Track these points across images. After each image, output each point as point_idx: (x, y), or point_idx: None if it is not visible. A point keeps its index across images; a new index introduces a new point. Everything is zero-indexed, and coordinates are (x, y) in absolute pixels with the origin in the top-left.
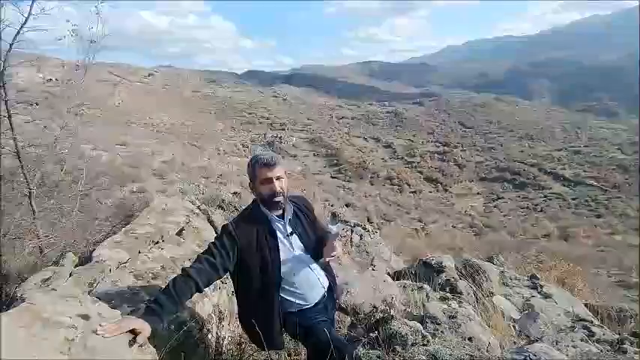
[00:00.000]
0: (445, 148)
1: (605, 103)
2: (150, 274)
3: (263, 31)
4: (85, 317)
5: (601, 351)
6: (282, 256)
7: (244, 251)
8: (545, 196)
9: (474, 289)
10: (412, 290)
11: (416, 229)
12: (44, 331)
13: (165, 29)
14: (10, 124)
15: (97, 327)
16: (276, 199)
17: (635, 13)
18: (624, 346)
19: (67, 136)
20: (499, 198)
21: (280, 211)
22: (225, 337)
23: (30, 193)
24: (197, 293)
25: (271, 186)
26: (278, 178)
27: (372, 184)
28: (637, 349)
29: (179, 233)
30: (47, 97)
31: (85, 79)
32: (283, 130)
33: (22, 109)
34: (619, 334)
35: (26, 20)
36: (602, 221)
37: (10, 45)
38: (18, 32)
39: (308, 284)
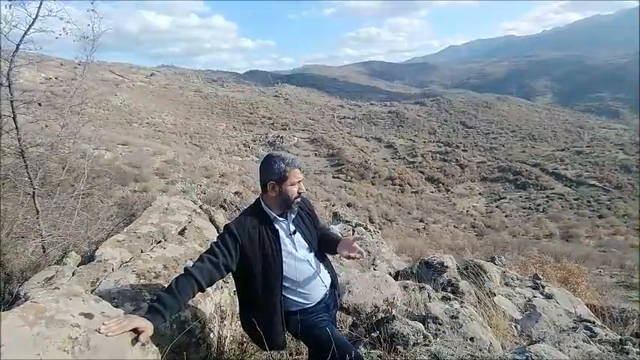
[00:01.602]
0: (447, 148)
1: (607, 103)
2: (152, 274)
3: (264, 30)
4: (89, 316)
5: (603, 352)
6: (285, 255)
7: (246, 250)
8: (547, 197)
9: (476, 289)
10: (413, 290)
11: (417, 229)
12: (47, 329)
13: (166, 29)
14: (15, 124)
15: (100, 326)
16: (298, 199)
17: (636, 14)
18: (626, 346)
19: (69, 135)
20: (501, 198)
21: (281, 211)
22: (227, 337)
23: (33, 192)
24: (199, 292)
25: (299, 186)
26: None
27: (373, 184)
28: (639, 350)
29: (181, 233)
30: (49, 96)
31: (85, 78)
32: (285, 129)
33: (24, 108)
34: (621, 334)
35: (33, 21)
36: (604, 221)
37: (17, 46)
38: (25, 33)
39: (310, 283)
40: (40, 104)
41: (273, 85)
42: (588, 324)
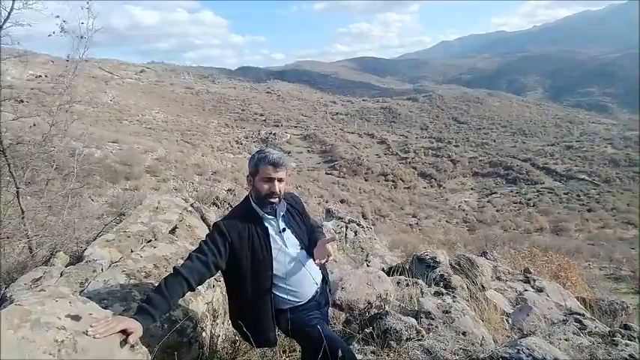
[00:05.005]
0: (439, 143)
1: (597, 98)
2: (142, 273)
3: (254, 26)
4: (75, 318)
5: (593, 343)
6: (275, 253)
7: (236, 248)
8: (537, 191)
9: (468, 283)
10: (406, 286)
11: (410, 224)
12: (33, 333)
13: (154, 25)
14: None
15: (88, 328)
16: (272, 199)
17: (627, 9)
18: (615, 338)
19: (58, 133)
20: (492, 193)
21: (271, 209)
22: (219, 335)
23: (17, 191)
24: (189, 292)
25: (271, 185)
26: (280, 180)
27: (366, 180)
28: (628, 341)
29: (172, 231)
30: (37, 93)
31: (75, 76)
32: (277, 126)
33: (9, 105)
34: (610, 326)
35: (9, 15)
36: (594, 215)
37: None
38: (0, 27)
39: (300, 281)
40: (21, 101)
41: (265, 82)
42: (578, 316)
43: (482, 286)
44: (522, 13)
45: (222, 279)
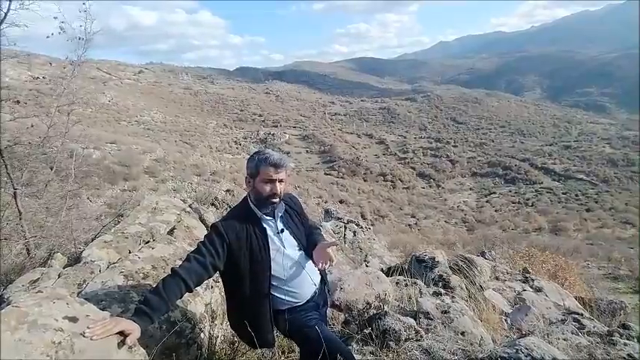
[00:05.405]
0: (437, 144)
1: (595, 98)
2: (140, 274)
3: (252, 26)
4: (73, 319)
5: (591, 343)
6: (273, 253)
7: (234, 249)
8: (536, 191)
9: (467, 283)
10: (405, 286)
11: (409, 224)
12: (30, 334)
13: (152, 25)
14: None
15: (85, 329)
16: (273, 200)
17: (625, 9)
18: (614, 337)
19: (56, 134)
20: (491, 193)
21: (270, 210)
22: (218, 337)
23: (15, 193)
24: (187, 293)
25: (272, 186)
26: (280, 181)
27: (365, 181)
28: (626, 341)
29: (170, 232)
30: (35, 95)
31: (74, 77)
32: (276, 127)
33: (7, 106)
34: (609, 326)
35: (5, 15)
36: (592, 215)
37: None
38: None
39: (299, 282)
40: (18, 102)
41: (264, 82)
42: (577, 316)
43: (480, 286)
44: (520, 13)
45: (220, 280)
